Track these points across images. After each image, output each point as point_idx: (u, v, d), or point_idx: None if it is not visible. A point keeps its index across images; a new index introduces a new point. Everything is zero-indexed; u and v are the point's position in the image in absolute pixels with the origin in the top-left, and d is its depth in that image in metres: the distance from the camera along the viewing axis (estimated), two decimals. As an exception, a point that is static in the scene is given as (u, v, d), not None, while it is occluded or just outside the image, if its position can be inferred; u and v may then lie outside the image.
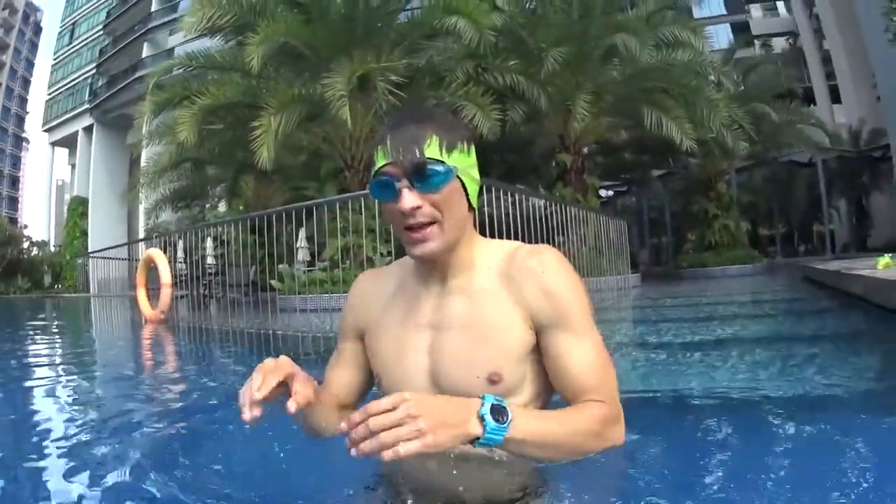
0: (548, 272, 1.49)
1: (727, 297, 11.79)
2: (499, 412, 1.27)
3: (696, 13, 29.16)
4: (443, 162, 1.44)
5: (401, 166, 1.42)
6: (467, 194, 1.52)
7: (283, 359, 1.42)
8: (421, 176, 1.42)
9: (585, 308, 1.52)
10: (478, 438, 1.25)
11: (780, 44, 45.45)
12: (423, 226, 1.44)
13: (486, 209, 9.15)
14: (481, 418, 1.25)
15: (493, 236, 1.65)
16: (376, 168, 1.47)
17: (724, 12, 45.13)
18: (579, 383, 1.47)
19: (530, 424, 1.31)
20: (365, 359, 1.71)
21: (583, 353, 1.48)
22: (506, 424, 1.26)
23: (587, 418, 1.41)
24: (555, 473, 1.51)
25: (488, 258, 1.57)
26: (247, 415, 1.28)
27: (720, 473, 1.84)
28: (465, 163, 1.49)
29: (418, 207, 1.42)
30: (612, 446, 1.44)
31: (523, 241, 1.66)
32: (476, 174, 1.55)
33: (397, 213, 1.45)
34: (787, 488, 1.69)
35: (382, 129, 1.51)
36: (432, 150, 1.43)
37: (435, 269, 1.57)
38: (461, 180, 1.49)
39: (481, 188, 1.63)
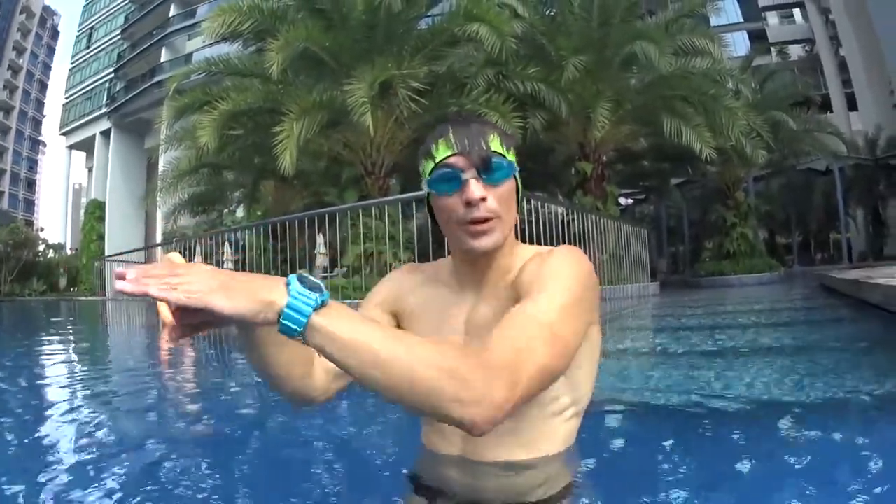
0: (551, 258, 1.42)
1: (746, 306, 11.73)
2: (311, 285, 1.06)
3: (714, 21, 29.10)
4: (505, 157, 1.45)
5: (468, 157, 1.42)
6: (518, 195, 1.52)
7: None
8: (488, 168, 1.42)
9: (571, 294, 1.31)
10: (280, 313, 1.02)
11: (796, 51, 45.30)
12: (486, 219, 1.42)
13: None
14: (287, 285, 1.05)
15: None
16: (438, 160, 1.45)
17: (742, 20, 45.06)
18: (498, 330, 1.20)
19: (351, 320, 1.07)
20: None
21: (526, 315, 1.24)
22: (315, 298, 1.04)
23: (449, 351, 1.08)
24: (580, 480, 1.51)
25: (521, 262, 1.53)
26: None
27: (742, 481, 1.85)
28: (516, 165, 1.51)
29: (484, 199, 1.41)
30: (469, 406, 1.04)
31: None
32: (519, 179, 1.54)
33: (458, 206, 1.43)
34: (807, 495, 1.70)
35: (439, 126, 1.50)
36: (496, 144, 1.45)
37: (477, 271, 1.55)
38: (517, 179, 1.51)
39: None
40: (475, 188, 1.40)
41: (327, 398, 1.51)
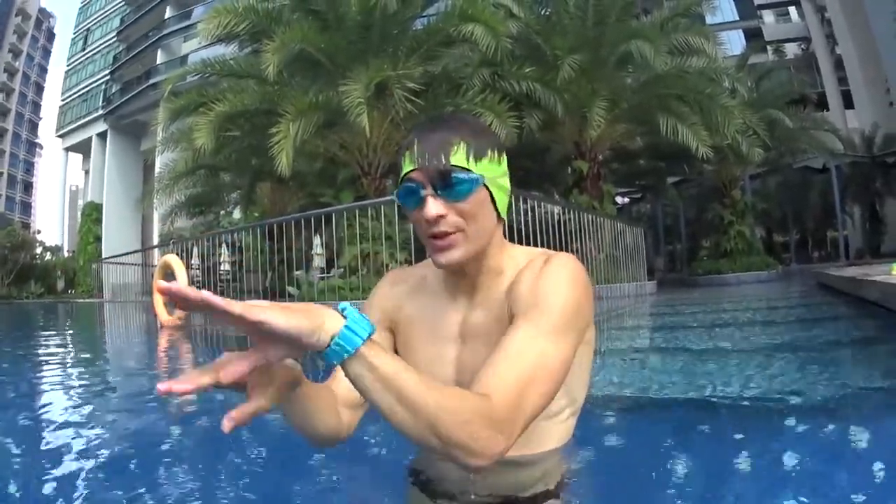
0: (547, 270, 1.40)
1: (743, 304, 11.76)
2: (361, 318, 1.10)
3: (709, 19, 29.14)
4: (468, 170, 1.38)
5: (426, 173, 1.37)
6: (495, 204, 1.45)
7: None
8: (446, 184, 1.37)
9: (566, 315, 1.33)
10: (333, 337, 1.06)
11: (792, 49, 45.36)
12: (446, 234, 1.39)
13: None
14: (342, 311, 1.10)
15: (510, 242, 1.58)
16: (402, 174, 1.42)
17: (737, 18, 45.17)
18: (488, 374, 1.23)
19: (392, 358, 1.12)
20: (390, 348, 1.59)
21: (522, 349, 1.27)
22: (370, 327, 1.10)
23: (465, 399, 1.16)
24: (574, 475, 1.53)
25: (515, 266, 1.50)
26: (164, 386, 0.99)
27: (739, 479, 1.87)
28: (493, 172, 1.43)
29: (442, 216, 1.37)
30: (474, 454, 1.13)
31: (540, 248, 1.60)
32: (506, 183, 1.49)
33: (422, 221, 1.39)
34: (805, 492, 1.71)
35: (412, 133, 1.45)
36: (458, 157, 1.38)
37: (463, 278, 1.52)
38: (489, 190, 1.43)
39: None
40: (431, 206, 1.36)
41: (349, 434, 1.51)
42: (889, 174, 33.40)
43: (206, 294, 0.95)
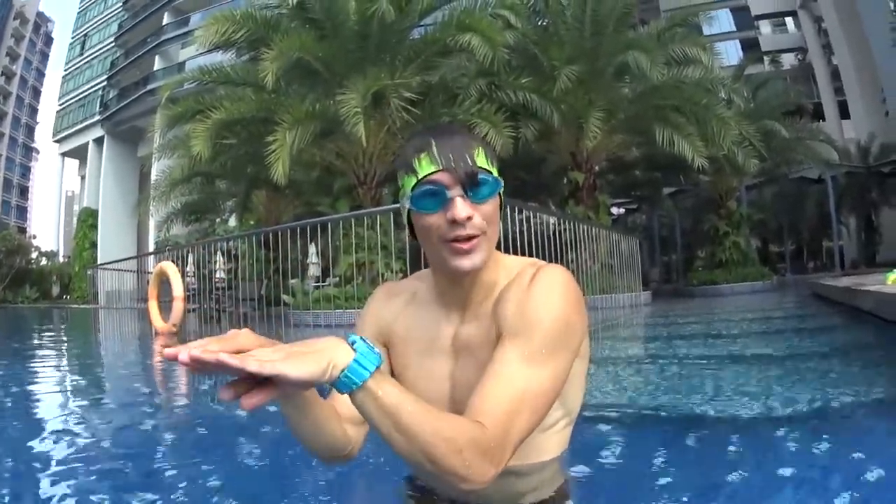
0: (535, 287, 1.38)
1: (738, 315, 11.77)
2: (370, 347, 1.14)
3: (707, 30, 29.24)
4: (492, 173, 1.40)
5: (454, 174, 1.36)
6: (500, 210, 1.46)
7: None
8: (475, 185, 1.37)
9: (555, 335, 1.33)
10: (343, 370, 1.08)
11: (789, 59, 45.47)
12: (471, 237, 1.37)
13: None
14: (352, 344, 1.12)
15: (505, 253, 1.57)
16: (422, 176, 1.38)
17: (734, 29, 45.31)
18: (480, 400, 1.26)
19: (395, 387, 1.15)
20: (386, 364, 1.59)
21: (511, 375, 1.28)
22: (378, 359, 1.13)
23: (459, 428, 1.18)
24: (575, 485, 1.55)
25: (506, 277, 1.49)
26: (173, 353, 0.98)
27: (735, 489, 1.88)
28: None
29: (471, 217, 1.36)
30: (465, 480, 1.17)
31: (535, 258, 1.59)
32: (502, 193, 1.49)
33: (443, 224, 1.37)
34: (798, 501, 1.71)
35: (418, 137, 1.44)
36: (481, 160, 1.39)
37: (458, 290, 1.50)
38: (500, 195, 1.45)
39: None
40: (461, 207, 1.35)
41: (358, 449, 1.53)
42: (885, 184, 33.45)
43: (222, 356, 0.97)
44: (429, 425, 1.14)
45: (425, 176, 1.38)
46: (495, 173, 1.42)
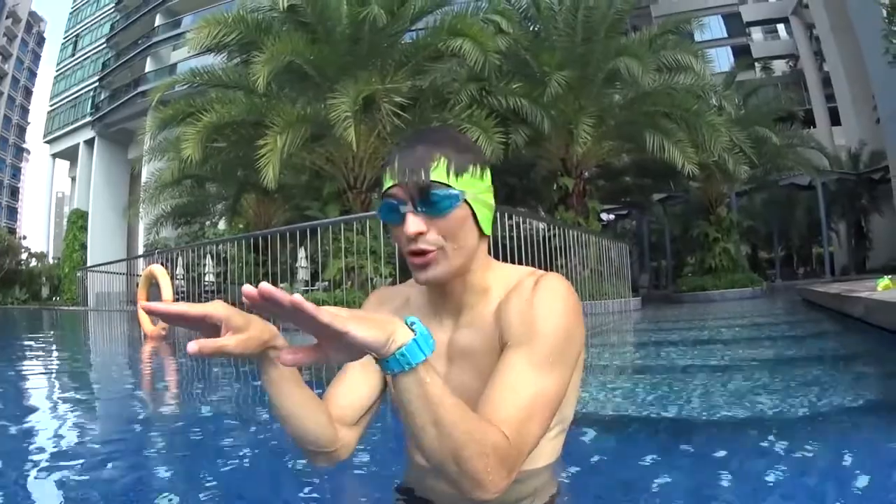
0: (538, 295, 1.38)
1: (727, 321, 11.77)
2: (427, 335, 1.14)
3: (698, 37, 29.24)
4: (449, 186, 1.37)
5: (406, 189, 1.36)
6: (477, 221, 1.44)
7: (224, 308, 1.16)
8: (425, 200, 1.35)
9: (559, 344, 1.34)
10: (399, 348, 1.08)
11: (780, 66, 45.71)
12: (425, 252, 1.37)
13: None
14: (411, 325, 1.12)
15: (495, 259, 1.57)
16: (384, 189, 1.41)
17: (726, 35, 45.47)
18: (493, 409, 1.25)
19: (440, 380, 1.15)
20: (375, 374, 1.57)
21: (520, 383, 1.29)
22: (432, 346, 1.13)
23: (488, 432, 1.18)
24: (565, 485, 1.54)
25: (503, 285, 1.48)
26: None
27: (723, 496, 1.88)
28: (476, 188, 1.42)
29: (422, 233, 1.36)
30: (481, 486, 1.16)
31: (525, 264, 1.59)
32: (490, 199, 1.48)
33: (402, 237, 1.38)
34: None
35: (394, 148, 1.45)
36: (439, 173, 1.36)
37: (448, 296, 1.51)
38: (470, 206, 1.41)
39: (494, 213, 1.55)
40: (411, 223, 1.35)
41: (349, 452, 1.52)
42: (875, 191, 33.62)
43: (297, 298, 0.96)
44: (464, 424, 1.14)
45: (386, 190, 1.40)
46: (459, 186, 1.38)
